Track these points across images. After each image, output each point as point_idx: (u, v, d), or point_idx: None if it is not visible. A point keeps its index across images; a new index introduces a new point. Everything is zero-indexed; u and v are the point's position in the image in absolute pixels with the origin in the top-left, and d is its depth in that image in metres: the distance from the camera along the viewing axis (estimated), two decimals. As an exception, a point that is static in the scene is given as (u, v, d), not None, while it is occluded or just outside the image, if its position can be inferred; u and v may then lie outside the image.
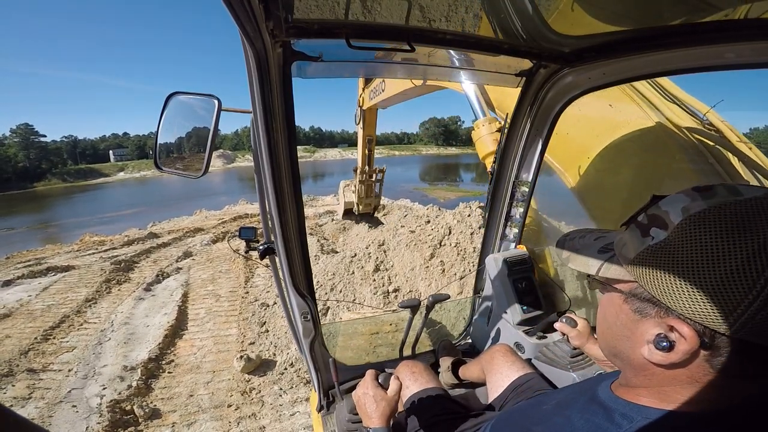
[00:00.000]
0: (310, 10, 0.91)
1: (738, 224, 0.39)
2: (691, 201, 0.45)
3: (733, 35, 0.86)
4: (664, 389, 0.47)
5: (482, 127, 2.40)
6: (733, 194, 0.43)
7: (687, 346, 0.42)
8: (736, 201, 0.41)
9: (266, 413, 3.09)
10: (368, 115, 7.21)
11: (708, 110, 1.55)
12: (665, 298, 0.44)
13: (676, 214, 0.45)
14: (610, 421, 0.49)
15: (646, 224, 0.49)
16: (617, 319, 0.52)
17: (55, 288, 6.08)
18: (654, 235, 0.47)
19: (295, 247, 1.28)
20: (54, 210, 28.50)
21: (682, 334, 0.43)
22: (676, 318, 0.44)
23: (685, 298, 0.42)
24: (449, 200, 18.28)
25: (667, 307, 0.44)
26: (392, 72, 1.63)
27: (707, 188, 0.45)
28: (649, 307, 0.47)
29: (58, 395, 3.32)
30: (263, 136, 1.03)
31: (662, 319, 0.45)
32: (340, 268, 5.44)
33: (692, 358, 0.43)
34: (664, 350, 0.44)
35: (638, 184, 1.62)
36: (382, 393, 1.01)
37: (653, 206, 0.50)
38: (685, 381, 0.45)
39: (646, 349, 0.47)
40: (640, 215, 0.51)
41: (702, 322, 0.41)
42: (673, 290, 0.43)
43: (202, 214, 13.61)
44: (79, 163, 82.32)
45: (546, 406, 0.64)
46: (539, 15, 1.02)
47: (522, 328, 1.70)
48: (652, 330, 0.46)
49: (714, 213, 0.41)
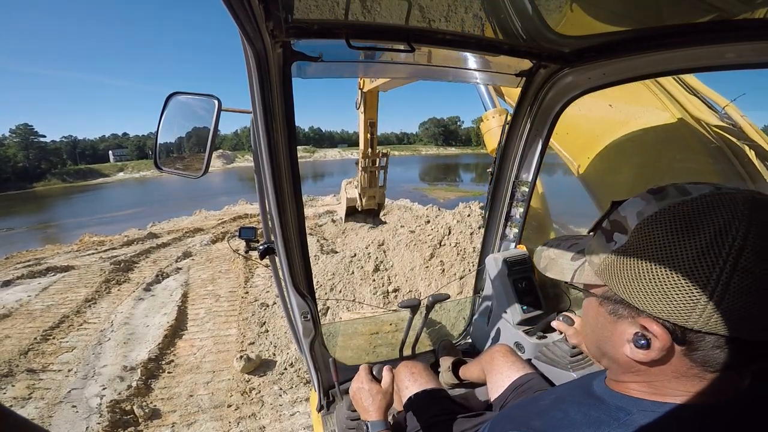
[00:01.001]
0: (310, 10, 0.91)
1: (687, 222, 0.41)
2: (645, 204, 0.47)
3: (733, 35, 0.86)
4: (654, 383, 0.49)
5: (492, 119, 2.29)
6: (682, 194, 0.45)
7: (660, 344, 0.44)
8: (684, 201, 0.43)
9: (266, 413, 3.09)
10: (369, 98, 7.11)
11: (727, 104, 1.51)
12: (633, 300, 0.46)
13: (632, 218, 0.47)
14: (607, 414, 0.50)
15: (609, 230, 0.51)
16: (597, 321, 0.54)
17: (54, 288, 6.08)
18: (617, 240, 0.49)
19: (295, 247, 1.28)
20: (53, 210, 28.49)
21: (653, 333, 0.44)
22: (647, 317, 0.45)
23: (650, 298, 0.44)
24: (449, 200, 18.28)
25: (636, 307, 0.46)
26: (392, 72, 1.63)
27: (660, 189, 0.47)
28: (621, 309, 0.49)
29: (57, 395, 3.32)
30: (263, 136, 1.03)
31: (635, 319, 0.47)
32: (340, 268, 5.45)
33: (669, 354, 0.45)
34: (643, 348, 0.46)
35: (650, 175, 1.59)
36: (377, 386, 1.01)
37: (614, 212, 0.52)
38: (671, 375, 0.47)
39: (627, 348, 0.48)
40: (603, 221, 0.54)
41: (669, 319, 0.43)
42: (639, 291, 0.45)
43: (201, 215, 13.61)
44: (79, 164, 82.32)
45: (544, 401, 0.64)
46: (539, 15, 1.02)
47: (522, 328, 1.70)
48: (629, 329, 0.48)
49: (665, 214, 0.44)
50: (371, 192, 8.63)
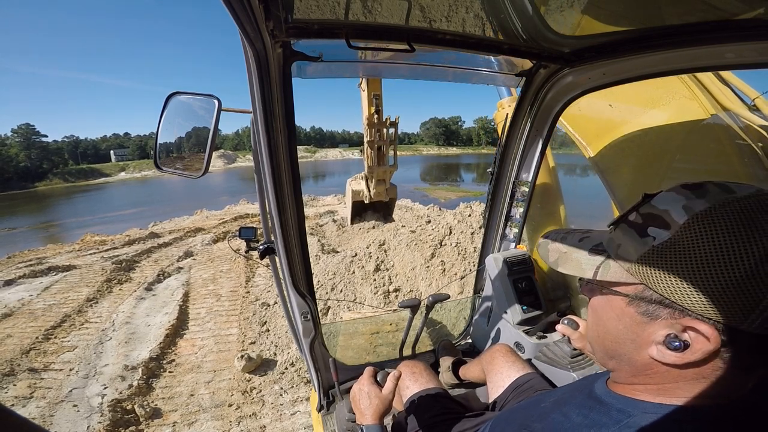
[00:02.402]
0: (310, 10, 0.91)
1: (747, 222, 0.40)
2: (687, 199, 0.45)
3: (733, 35, 0.86)
4: (665, 386, 0.47)
5: (507, 107, 2.18)
6: (725, 191, 0.43)
7: (710, 346, 0.42)
8: (736, 198, 0.42)
9: (267, 412, 3.10)
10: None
11: (757, 96, 1.43)
12: (682, 299, 0.43)
13: (678, 213, 0.44)
14: (607, 416, 0.49)
15: (641, 223, 0.48)
16: (619, 322, 0.51)
17: (56, 287, 6.10)
18: (654, 235, 0.46)
19: (295, 247, 1.29)
20: (55, 210, 28.57)
21: (703, 333, 0.42)
22: (694, 318, 0.43)
23: (702, 298, 0.41)
24: (450, 200, 18.28)
25: (681, 308, 0.44)
26: (392, 72, 1.63)
27: (698, 185, 0.45)
28: (659, 309, 0.46)
29: (59, 394, 3.33)
30: (263, 136, 1.03)
31: (676, 320, 0.44)
32: (341, 268, 5.45)
33: (713, 356, 0.43)
34: (677, 350, 0.44)
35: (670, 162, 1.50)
36: (377, 391, 1.00)
37: (646, 204, 0.49)
38: (690, 378, 0.45)
39: (654, 350, 0.46)
40: (631, 214, 0.51)
41: (722, 320, 0.41)
42: (689, 291, 0.42)
43: (203, 214, 13.63)
44: (81, 163, 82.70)
45: (545, 404, 0.64)
46: (539, 15, 1.02)
47: (522, 328, 1.70)
48: (662, 331, 0.45)
49: (720, 211, 0.42)
50: (380, 173, 7.39)
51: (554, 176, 2.04)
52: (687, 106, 1.41)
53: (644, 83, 1.38)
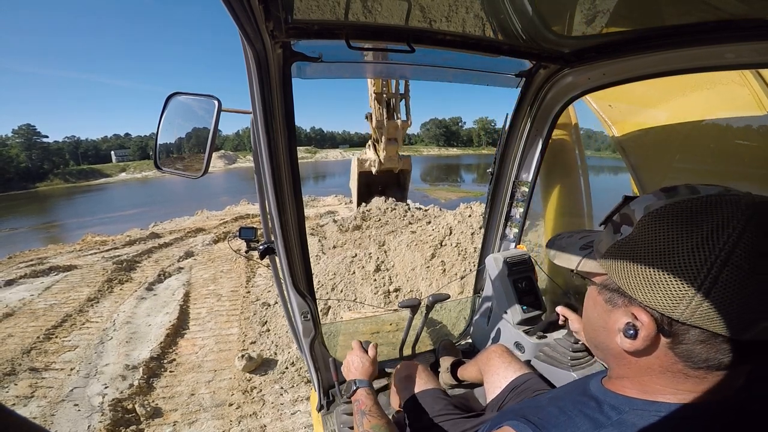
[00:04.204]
0: (310, 10, 0.91)
1: (688, 218, 0.43)
2: (655, 200, 0.49)
3: (733, 35, 0.86)
4: (642, 379, 0.50)
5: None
6: (691, 193, 0.46)
7: (645, 332, 0.46)
8: (690, 198, 0.45)
9: (267, 412, 3.10)
10: None
11: None
12: (628, 288, 0.47)
13: (639, 211, 0.49)
14: (600, 413, 0.51)
15: (618, 222, 0.53)
16: (594, 310, 0.56)
17: (57, 287, 6.11)
18: (623, 231, 0.51)
19: (295, 247, 1.29)
20: (56, 210, 28.61)
21: (641, 320, 0.46)
22: (638, 306, 0.47)
23: (643, 287, 0.45)
24: (450, 201, 18.26)
25: (630, 296, 0.48)
26: (392, 72, 1.63)
27: (672, 188, 0.49)
28: (617, 297, 0.50)
29: (60, 394, 3.33)
30: (263, 137, 1.04)
31: (627, 308, 0.49)
32: (341, 268, 5.45)
33: (654, 345, 0.46)
34: (630, 338, 0.47)
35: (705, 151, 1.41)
36: (366, 355, 1.21)
37: (625, 206, 0.54)
38: (657, 370, 0.48)
39: (618, 338, 0.50)
40: (614, 215, 0.55)
41: (657, 308, 0.44)
42: (634, 280, 0.46)
43: (203, 215, 13.65)
44: (81, 164, 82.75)
45: (542, 400, 0.65)
46: (539, 15, 1.02)
47: (522, 327, 1.70)
48: (622, 319, 0.49)
49: (669, 209, 0.46)
50: (392, 128, 6.20)
51: (583, 175, 1.99)
52: (736, 93, 1.30)
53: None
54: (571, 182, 1.97)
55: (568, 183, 1.96)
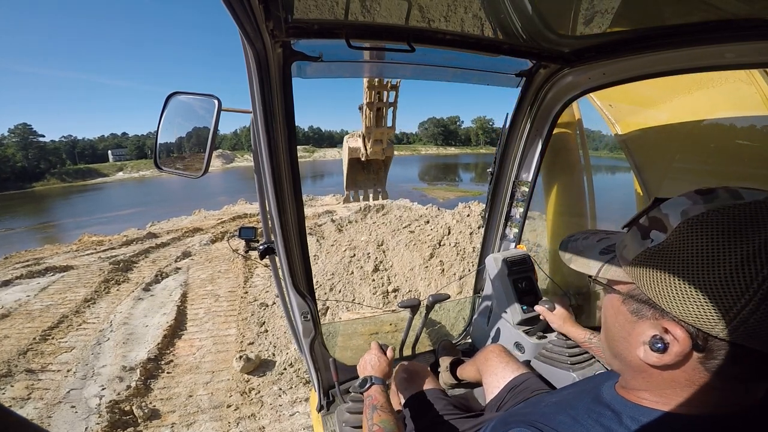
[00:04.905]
0: (310, 10, 0.91)
1: (735, 228, 0.39)
2: (691, 204, 0.44)
3: (733, 35, 0.86)
4: (664, 391, 0.47)
5: None
6: (734, 197, 0.42)
7: (679, 348, 0.43)
8: (735, 204, 0.41)
9: (266, 413, 3.09)
10: None
11: None
12: (661, 300, 0.44)
13: (675, 217, 0.45)
14: (619, 424, 0.49)
15: (647, 226, 0.49)
16: (615, 320, 0.53)
17: (53, 288, 6.07)
18: (654, 237, 0.47)
19: (295, 247, 1.28)
20: (52, 210, 28.46)
21: (675, 336, 0.43)
22: (671, 320, 0.44)
23: (679, 301, 0.42)
24: (448, 200, 18.28)
25: (662, 309, 0.44)
26: (392, 72, 1.63)
27: (709, 191, 0.45)
28: (645, 309, 0.47)
29: (57, 396, 3.31)
30: (263, 136, 1.03)
31: (657, 321, 0.46)
32: (340, 268, 5.45)
33: (685, 360, 0.44)
34: (658, 352, 0.45)
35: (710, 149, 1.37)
36: (384, 356, 1.20)
37: (654, 209, 0.50)
38: (683, 383, 0.45)
39: (641, 351, 0.47)
40: (641, 217, 0.51)
41: (695, 324, 0.41)
42: (668, 292, 0.43)
43: (200, 214, 13.59)
44: (78, 163, 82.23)
45: (547, 405, 0.63)
46: (539, 15, 1.02)
47: (522, 328, 1.70)
48: (648, 331, 0.46)
49: (711, 216, 0.41)
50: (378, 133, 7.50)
51: (586, 174, 1.97)
52: (743, 92, 1.28)
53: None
54: (574, 181, 1.96)
55: (571, 182, 1.95)
